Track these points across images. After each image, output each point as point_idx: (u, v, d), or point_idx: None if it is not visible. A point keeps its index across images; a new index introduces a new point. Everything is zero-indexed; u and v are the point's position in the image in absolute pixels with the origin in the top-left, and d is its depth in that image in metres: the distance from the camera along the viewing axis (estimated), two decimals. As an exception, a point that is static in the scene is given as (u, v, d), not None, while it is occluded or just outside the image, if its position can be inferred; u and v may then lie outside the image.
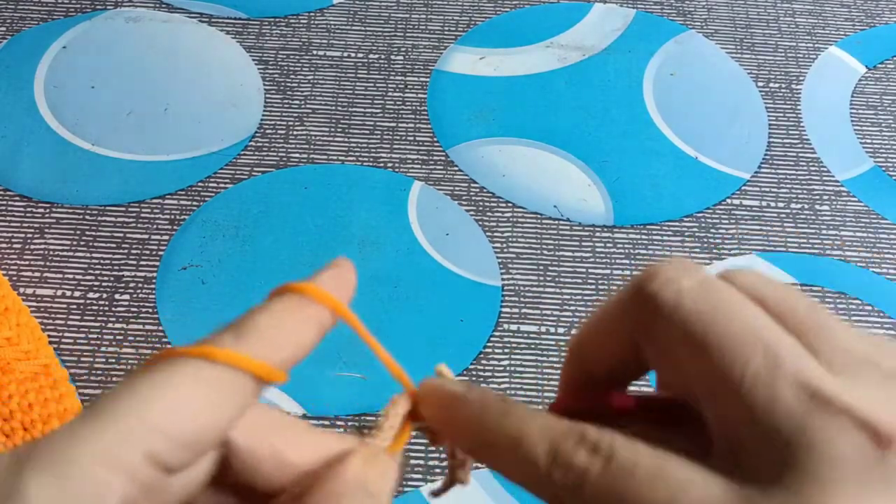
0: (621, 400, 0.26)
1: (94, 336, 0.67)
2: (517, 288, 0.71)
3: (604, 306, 0.25)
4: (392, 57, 0.85)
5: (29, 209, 0.73)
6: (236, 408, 0.23)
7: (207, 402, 0.22)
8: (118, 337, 0.67)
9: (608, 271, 0.73)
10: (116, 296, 0.69)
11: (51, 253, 0.71)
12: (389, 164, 0.77)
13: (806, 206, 0.77)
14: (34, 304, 0.68)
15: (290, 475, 0.24)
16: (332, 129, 0.80)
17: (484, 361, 0.67)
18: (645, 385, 0.55)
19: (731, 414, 0.20)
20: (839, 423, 0.19)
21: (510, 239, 0.74)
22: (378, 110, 0.81)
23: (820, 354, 0.21)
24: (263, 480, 0.24)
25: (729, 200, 0.77)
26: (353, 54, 0.85)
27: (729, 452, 0.20)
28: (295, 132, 0.79)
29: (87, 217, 0.73)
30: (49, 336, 0.66)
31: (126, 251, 0.71)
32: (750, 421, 0.20)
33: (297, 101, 0.81)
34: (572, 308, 0.70)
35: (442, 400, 0.26)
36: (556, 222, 0.75)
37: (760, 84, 0.85)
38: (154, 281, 0.70)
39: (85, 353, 0.66)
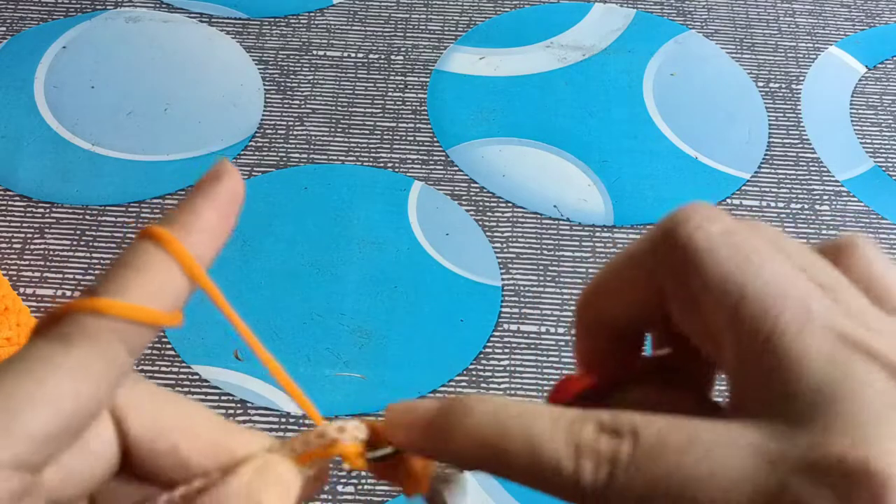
0: (618, 369, 0.25)
1: (94, 336, 0.67)
2: (517, 288, 0.71)
3: (625, 252, 0.24)
4: (392, 57, 0.85)
5: (29, 209, 0.73)
6: (111, 385, 0.22)
7: (80, 389, 0.21)
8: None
9: (608, 271, 0.73)
10: (116, 296, 0.69)
11: (51, 253, 0.71)
12: (389, 164, 0.78)
13: (806, 206, 0.77)
14: (34, 304, 0.68)
15: (186, 475, 0.23)
16: (332, 129, 0.80)
17: (484, 361, 0.67)
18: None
19: (761, 363, 0.20)
20: (868, 368, 0.19)
21: (510, 239, 0.74)
22: (378, 110, 0.81)
23: (849, 309, 0.20)
24: (162, 476, 0.23)
25: (729, 200, 0.77)
26: (353, 54, 0.85)
27: (753, 402, 0.20)
28: (295, 132, 0.79)
29: (87, 217, 0.73)
30: (49, 336, 0.66)
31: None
32: (781, 368, 0.20)
33: (297, 101, 0.81)
34: (572, 308, 0.70)
35: (420, 419, 0.23)
36: (556, 222, 0.75)
37: (760, 84, 0.85)
38: (154, 281, 0.70)
39: (85, 353, 0.66)
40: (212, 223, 0.25)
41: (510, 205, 0.76)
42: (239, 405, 0.64)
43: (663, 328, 0.25)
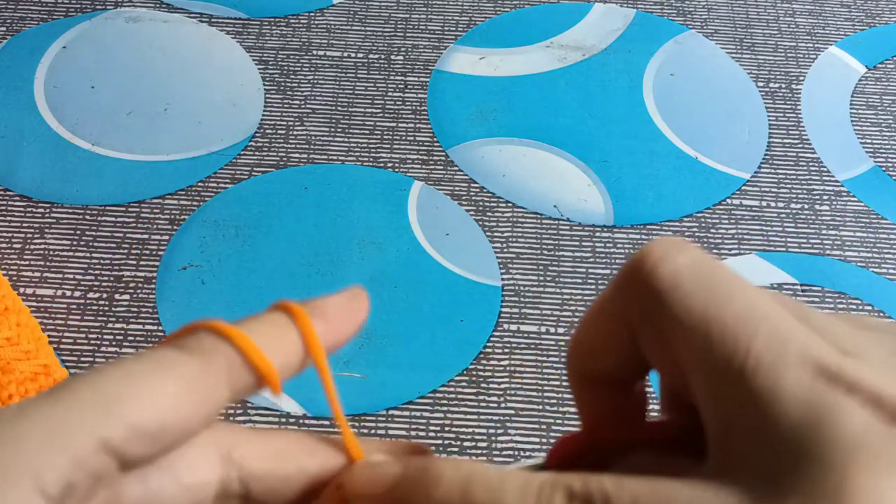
0: (631, 432, 0.24)
1: (94, 336, 0.67)
2: (517, 288, 0.71)
3: (596, 301, 0.23)
4: (392, 57, 0.85)
5: (29, 209, 0.73)
6: (210, 408, 0.22)
7: (181, 397, 0.21)
8: (118, 337, 0.67)
9: (608, 271, 0.73)
10: (116, 296, 0.69)
11: (51, 253, 0.71)
12: (389, 164, 0.78)
13: (806, 206, 0.77)
14: (34, 304, 0.68)
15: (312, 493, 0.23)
16: (332, 129, 0.80)
17: (484, 361, 0.67)
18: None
19: (733, 401, 0.19)
20: (849, 407, 0.18)
21: (510, 239, 0.74)
22: (378, 110, 0.81)
23: (824, 334, 0.19)
24: (290, 498, 0.23)
25: (729, 200, 0.77)
26: (353, 54, 0.85)
27: (729, 450, 0.19)
28: (295, 132, 0.79)
29: (87, 217, 0.73)
30: (49, 336, 0.66)
31: (126, 251, 0.71)
32: (754, 406, 0.19)
33: (297, 101, 0.81)
34: (572, 308, 0.70)
35: (382, 488, 0.22)
36: (556, 222, 0.75)
37: (760, 84, 0.85)
38: (154, 281, 0.70)
39: (85, 353, 0.66)
40: (342, 318, 0.25)
41: (510, 205, 0.76)
42: (239, 405, 0.64)
43: (665, 385, 0.24)
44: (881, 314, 0.71)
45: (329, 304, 0.25)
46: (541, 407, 0.65)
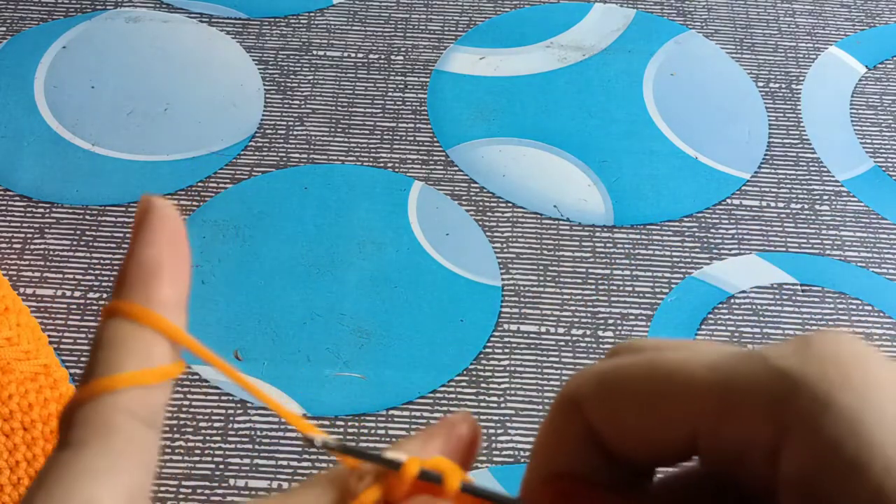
0: None
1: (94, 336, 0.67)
2: (517, 288, 0.71)
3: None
4: (392, 57, 0.85)
5: (29, 209, 0.73)
6: (140, 470, 0.20)
7: (107, 493, 0.20)
8: (112, 298, 0.67)
9: (608, 271, 0.73)
10: (116, 296, 0.69)
11: (51, 253, 0.71)
12: (389, 164, 0.78)
13: (806, 206, 0.77)
14: (34, 304, 0.68)
15: None
16: (332, 129, 0.80)
17: (484, 361, 0.67)
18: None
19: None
20: None
21: (510, 239, 0.74)
22: (378, 110, 0.81)
23: None
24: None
25: (729, 200, 0.77)
26: (353, 54, 0.85)
27: None
28: (295, 132, 0.79)
29: (87, 217, 0.73)
30: (49, 336, 0.66)
31: (126, 251, 0.71)
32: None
33: (297, 101, 0.81)
34: (572, 308, 0.70)
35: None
36: (556, 222, 0.75)
37: (760, 84, 0.85)
38: (154, 281, 0.70)
39: (85, 353, 0.66)
40: (164, 272, 0.23)
41: (510, 205, 0.76)
42: (239, 405, 0.64)
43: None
44: (881, 314, 0.71)
45: (148, 270, 0.23)
46: (541, 407, 0.65)
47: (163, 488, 0.60)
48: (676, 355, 0.20)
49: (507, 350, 0.68)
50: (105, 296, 0.69)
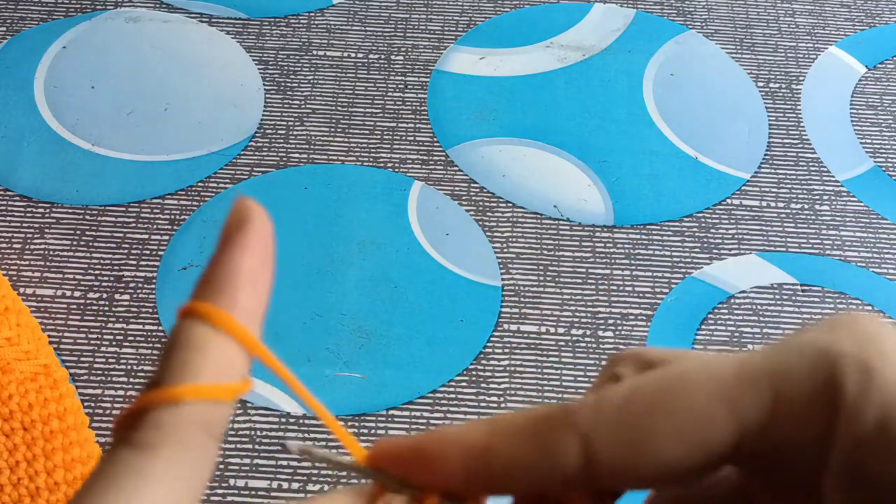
0: None
1: (94, 336, 0.67)
2: (517, 288, 0.71)
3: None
4: (392, 57, 0.85)
5: (29, 209, 0.73)
6: (199, 482, 0.20)
7: (168, 498, 0.20)
8: (118, 337, 0.67)
9: (608, 271, 0.73)
10: (116, 296, 0.69)
11: (51, 253, 0.71)
12: (389, 164, 0.78)
13: (806, 206, 0.77)
14: (34, 304, 0.68)
15: None
16: (332, 129, 0.80)
17: (484, 361, 0.67)
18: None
19: None
20: None
21: (510, 239, 0.74)
22: (378, 110, 0.81)
23: None
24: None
25: (729, 200, 0.77)
26: (353, 54, 0.85)
27: None
28: (295, 132, 0.79)
29: (87, 217, 0.73)
30: (49, 336, 0.66)
31: (126, 251, 0.71)
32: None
33: (297, 101, 0.81)
34: (572, 308, 0.70)
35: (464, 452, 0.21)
36: (556, 222, 0.75)
37: (760, 84, 0.85)
38: (154, 281, 0.70)
39: (85, 353, 0.66)
40: (253, 281, 0.23)
41: (510, 205, 0.76)
42: (239, 405, 0.64)
43: None
44: (881, 314, 0.71)
45: (233, 274, 0.22)
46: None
47: (163, 488, 0.60)
48: (697, 364, 0.19)
49: (507, 350, 0.68)
50: (105, 296, 0.69)
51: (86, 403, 0.63)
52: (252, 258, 0.23)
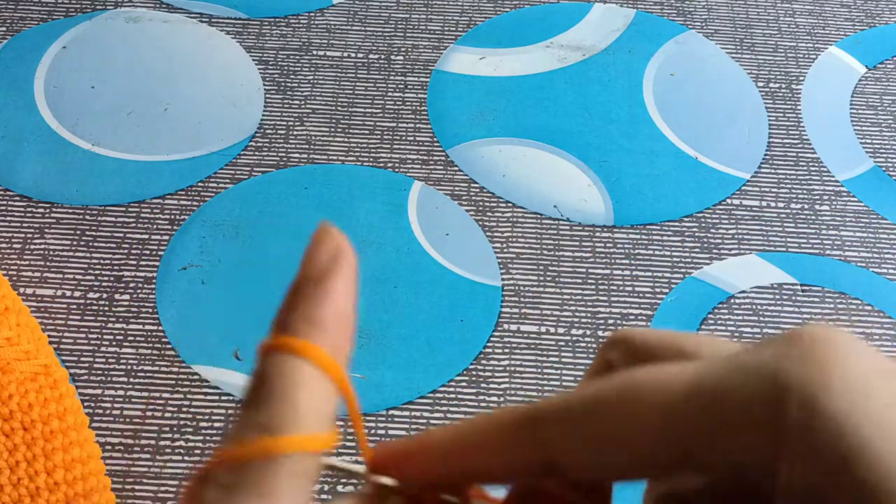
0: None
1: (94, 336, 0.67)
2: (517, 288, 0.71)
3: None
4: (392, 57, 0.85)
5: (29, 209, 0.73)
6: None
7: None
8: (118, 337, 0.67)
9: (608, 271, 0.73)
10: (116, 296, 0.69)
11: (51, 253, 0.71)
12: (389, 164, 0.78)
13: (806, 206, 0.77)
14: (34, 304, 0.68)
15: None
16: (332, 129, 0.80)
17: (484, 361, 0.67)
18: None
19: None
20: None
21: (510, 239, 0.74)
22: (378, 110, 0.81)
23: None
24: None
25: (729, 200, 0.77)
26: (353, 54, 0.85)
27: None
28: (295, 132, 0.79)
29: (87, 217, 0.73)
30: (49, 336, 0.66)
31: (126, 251, 0.71)
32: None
33: (297, 101, 0.81)
34: (572, 308, 0.70)
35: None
36: (556, 222, 0.75)
37: (760, 84, 0.85)
38: (154, 281, 0.70)
39: (85, 353, 0.66)
40: (342, 318, 0.22)
41: (510, 205, 0.76)
42: (239, 405, 0.64)
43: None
44: (881, 314, 0.71)
45: (322, 308, 0.22)
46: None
47: (163, 488, 0.60)
48: (653, 376, 0.19)
49: (507, 350, 0.68)
50: (105, 296, 0.69)
51: (86, 403, 0.63)
52: (349, 299, 0.22)
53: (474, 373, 0.67)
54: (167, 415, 0.64)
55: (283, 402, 0.20)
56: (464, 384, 0.66)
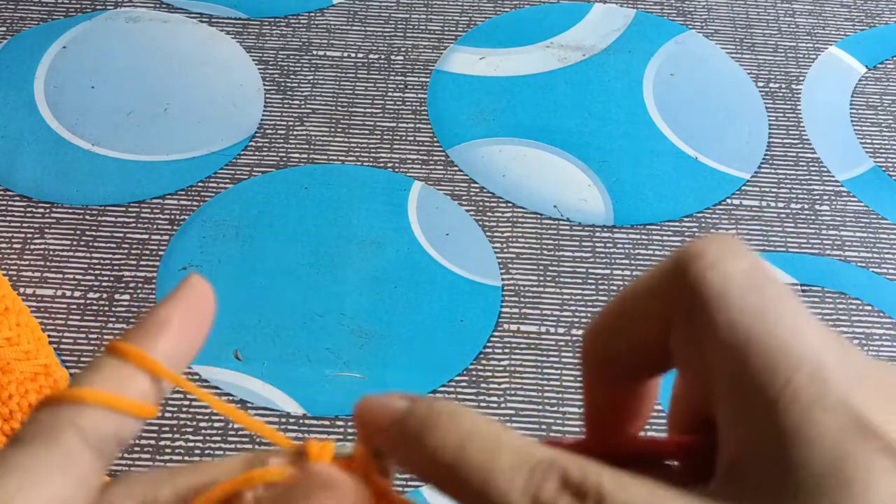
0: (629, 444, 0.23)
1: (94, 336, 0.67)
2: (517, 288, 0.71)
3: (634, 284, 0.22)
4: (392, 57, 0.85)
5: (29, 209, 0.73)
6: (63, 486, 0.21)
7: (16, 489, 0.20)
8: (118, 337, 0.67)
9: (608, 271, 0.73)
10: (116, 296, 0.69)
11: (51, 253, 0.71)
12: (389, 164, 0.78)
13: (806, 206, 0.77)
14: (34, 304, 0.68)
15: None
16: (332, 129, 0.80)
17: (484, 361, 0.67)
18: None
19: (760, 431, 0.18)
20: (884, 462, 0.17)
21: (510, 239, 0.74)
22: (378, 110, 0.81)
23: (867, 382, 0.18)
24: None
25: (729, 200, 0.77)
26: (353, 54, 0.85)
27: (738, 475, 0.18)
28: (295, 132, 0.79)
29: (87, 217, 0.73)
30: (49, 336, 0.66)
31: (126, 251, 0.71)
32: (781, 443, 0.18)
33: (297, 101, 0.81)
34: (572, 308, 0.70)
35: (385, 419, 0.22)
36: (556, 222, 0.75)
37: (760, 84, 0.85)
38: (154, 281, 0.70)
39: (85, 353, 0.66)
40: (177, 334, 0.24)
41: (510, 205, 0.76)
42: (239, 405, 0.64)
43: (681, 394, 0.23)
44: (881, 314, 0.71)
45: (160, 319, 0.24)
46: (541, 407, 0.65)
47: (163, 488, 0.60)
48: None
49: (507, 350, 0.68)
50: (105, 296, 0.69)
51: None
52: (172, 310, 0.24)
53: (474, 373, 0.67)
54: (167, 415, 0.64)
55: (85, 372, 0.23)
56: (464, 384, 0.66)
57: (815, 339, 0.19)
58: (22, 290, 0.69)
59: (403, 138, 0.79)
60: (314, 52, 0.85)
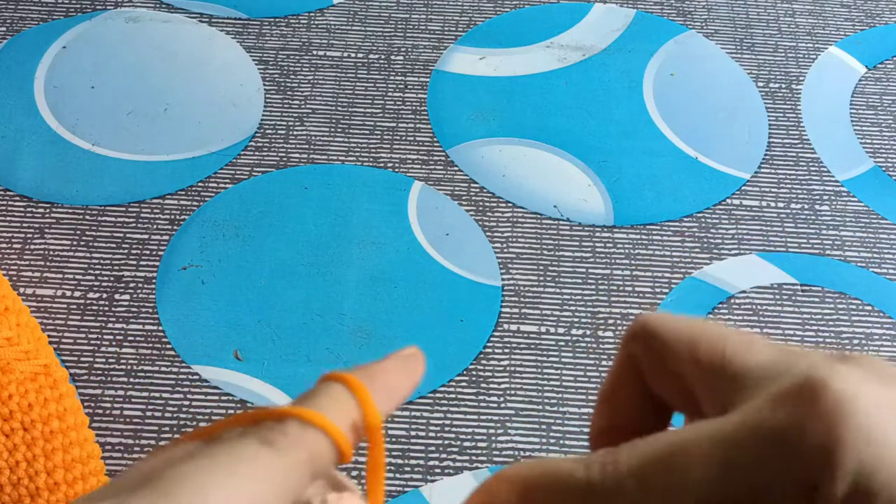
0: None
1: (94, 336, 0.67)
2: (517, 288, 0.71)
3: (608, 375, 0.27)
4: (392, 57, 0.85)
5: (29, 209, 0.73)
6: (290, 500, 0.23)
7: (265, 495, 0.22)
8: (118, 337, 0.67)
9: (608, 271, 0.73)
10: (116, 296, 0.69)
11: (51, 253, 0.71)
12: (389, 164, 0.78)
13: (806, 206, 0.77)
14: (34, 304, 0.68)
15: None
16: (332, 129, 0.80)
17: (484, 361, 0.67)
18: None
19: (719, 378, 0.23)
20: (807, 356, 0.22)
21: (510, 239, 0.74)
22: (378, 110, 0.81)
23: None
24: None
25: (729, 200, 0.77)
26: (353, 54, 0.85)
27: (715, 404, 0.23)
28: (295, 132, 0.79)
29: (87, 217, 0.73)
30: (49, 336, 0.66)
31: (126, 251, 0.71)
32: (734, 373, 0.23)
33: (297, 101, 0.81)
34: (572, 308, 0.70)
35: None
36: (556, 222, 0.75)
37: (760, 84, 0.85)
38: (154, 281, 0.70)
39: (85, 353, 0.66)
40: (395, 383, 0.27)
41: (510, 205, 0.76)
42: (239, 405, 0.64)
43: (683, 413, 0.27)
44: (881, 314, 0.71)
45: (385, 372, 0.26)
46: (541, 407, 0.65)
47: (163, 488, 0.60)
48: (692, 436, 0.22)
49: (507, 350, 0.68)
50: (105, 296, 0.69)
51: (86, 403, 0.63)
52: (401, 373, 0.27)
53: (474, 373, 0.67)
54: (167, 415, 0.64)
55: (313, 398, 0.25)
56: (464, 384, 0.66)
57: (740, 332, 0.24)
58: (22, 290, 0.69)
59: (403, 138, 0.79)
60: (314, 52, 0.85)
